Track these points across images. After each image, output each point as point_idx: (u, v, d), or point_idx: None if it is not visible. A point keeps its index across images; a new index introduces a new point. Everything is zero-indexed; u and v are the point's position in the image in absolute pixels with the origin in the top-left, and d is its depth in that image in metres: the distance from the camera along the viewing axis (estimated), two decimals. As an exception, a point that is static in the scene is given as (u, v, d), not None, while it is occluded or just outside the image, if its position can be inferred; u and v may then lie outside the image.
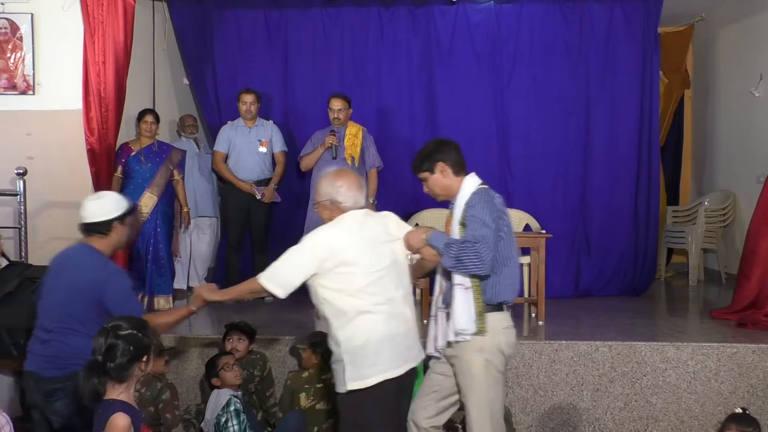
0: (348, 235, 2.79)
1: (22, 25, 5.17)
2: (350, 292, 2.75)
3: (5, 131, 5.22)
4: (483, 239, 2.75)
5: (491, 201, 2.86)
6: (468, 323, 2.81)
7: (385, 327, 2.76)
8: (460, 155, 3.02)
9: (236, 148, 5.71)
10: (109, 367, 2.45)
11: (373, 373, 2.72)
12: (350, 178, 2.90)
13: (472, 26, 6.12)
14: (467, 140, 6.07)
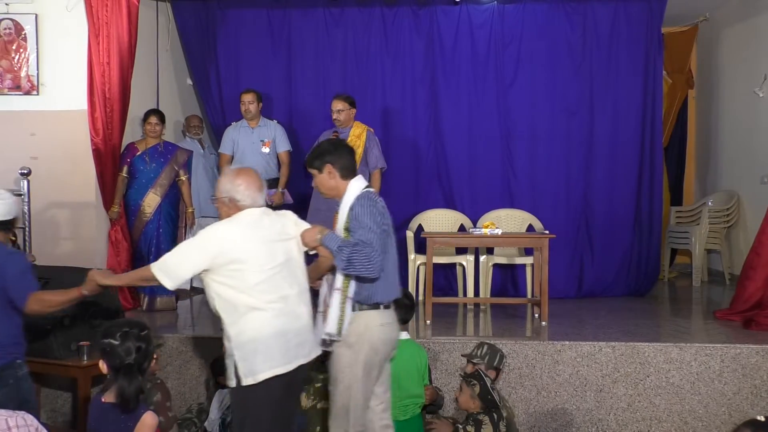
0: (241, 233, 2.81)
1: (26, 25, 5.17)
2: (242, 289, 2.77)
3: (9, 131, 5.23)
4: (371, 243, 2.83)
5: (374, 205, 2.94)
6: (334, 327, 2.91)
7: (276, 324, 2.78)
8: (351, 160, 3.08)
9: (240, 149, 5.72)
10: (140, 367, 2.53)
11: (264, 369, 2.75)
12: (250, 178, 2.92)
13: (475, 27, 6.12)
14: (470, 141, 6.12)
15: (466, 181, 6.15)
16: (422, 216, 5.95)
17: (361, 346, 2.94)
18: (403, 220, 5.93)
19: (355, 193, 3.00)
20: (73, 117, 5.18)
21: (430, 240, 5.02)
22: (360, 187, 3.02)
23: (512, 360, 4.24)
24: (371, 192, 3.03)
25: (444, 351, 4.28)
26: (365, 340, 2.94)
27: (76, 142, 5.20)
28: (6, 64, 5.21)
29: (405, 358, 3.55)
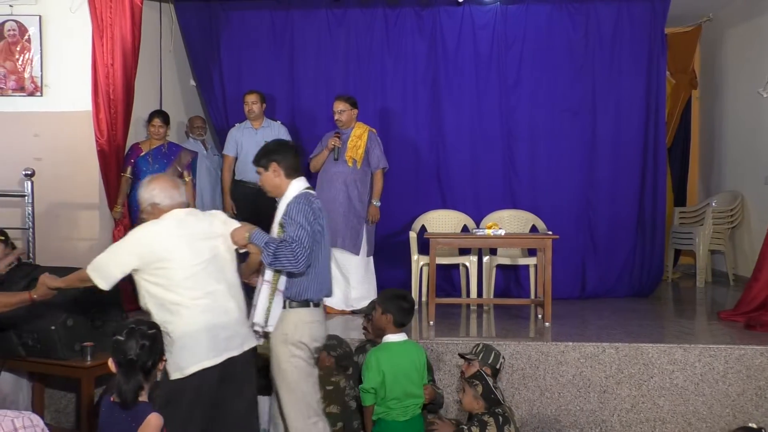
0: (166, 232, 2.93)
1: (30, 27, 5.19)
2: (168, 286, 2.88)
3: (13, 132, 5.25)
4: (299, 240, 2.97)
5: (309, 205, 3.09)
6: (261, 318, 3.07)
7: (204, 319, 2.89)
8: (296, 160, 3.23)
9: (243, 150, 5.71)
10: (143, 366, 2.51)
11: (191, 363, 2.85)
12: (162, 180, 3.08)
13: (478, 27, 6.12)
14: (473, 141, 6.12)
15: (468, 182, 6.15)
16: (425, 217, 5.94)
17: (294, 344, 3.09)
18: (405, 220, 5.93)
19: (295, 192, 3.15)
20: (76, 118, 5.20)
21: (433, 241, 5.02)
22: (300, 188, 3.17)
23: (515, 361, 4.24)
24: (310, 194, 3.18)
25: (447, 352, 4.28)
26: (294, 338, 3.08)
27: (80, 143, 5.21)
28: (10, 66, 5.22)
29: (405, 359, 3.56)
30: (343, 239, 5.24)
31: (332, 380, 3.87)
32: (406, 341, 3.67)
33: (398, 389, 3.53)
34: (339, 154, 5.26)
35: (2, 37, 5.20)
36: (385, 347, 3.63)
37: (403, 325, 3.66)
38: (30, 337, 3.82)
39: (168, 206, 3.00)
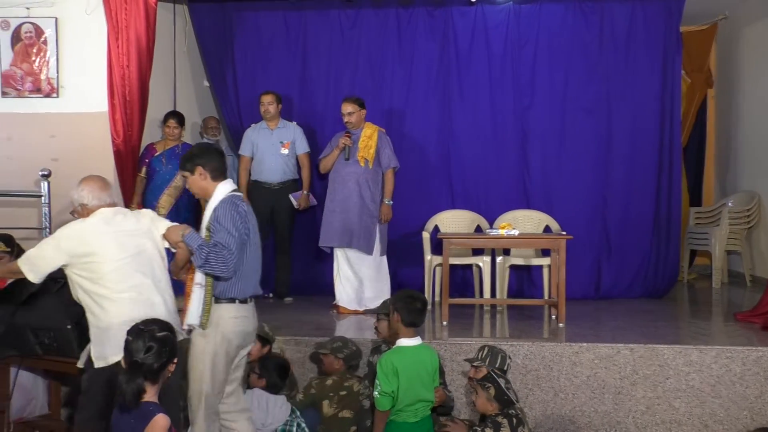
0: (92, 229, 3.12)
1: (46, 29, 5.24)
2: (95, 280, 3.07)
3: (30, 133, 5.30)
4: (228, 247, 3.06)
5: (236, 209, 3.15)
6: (195, 319, 3.15)
7: (127, 311, 3.02)
8: (221, 162, 3.29)
9: (259, 150, 5.74)
10: (149, 368, 2.52)
11: (114, 353, 2.93)
12: (91, 181, 3.24)
13: (491, 27, 6.10)
14: (486, 141, 6.10)
15: (482, 182, 6.13)
16: (438, 217, 5.93)
17: (213, 337, 3.15)
18: (418, 221, 5.93)
19: (221, 196, 3.20)
20: (92, 119, 5.25)
21: (446, 241, 5.01)
22: (226, 191, 3.22)
23: (529, 362, 4.22)
24: (236, 196, 3.23)
25: (461, 352, 4.26)
26: (218, 331, 3.15)
27: (96, 144, 5.25)
28: (27, 67, 5.28)
29: (417, 362, 3.53)
30: (357, 239, 5.24)
31: (345, 385, 3.88)
32: (420, 345, 3.64)
33: (411, 393, 3.50)
34: (350, 154, 5.27)
35: (19, 40, 5.25)
36: (399, 351, 3.60)
37: (414, 325, 3.63)
38: (46, 336, 3.85)
39: (95, 206, 3.19)
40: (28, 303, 3.99)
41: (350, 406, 3.83)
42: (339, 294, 5.39)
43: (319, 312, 5.37)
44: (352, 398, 3.85)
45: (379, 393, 3.51)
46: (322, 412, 3.82)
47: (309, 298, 5.88)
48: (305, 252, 6.06)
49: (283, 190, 5.72)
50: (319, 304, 5.61)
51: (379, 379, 3.54)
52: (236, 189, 3.29)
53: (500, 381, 3.41)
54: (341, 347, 3.99)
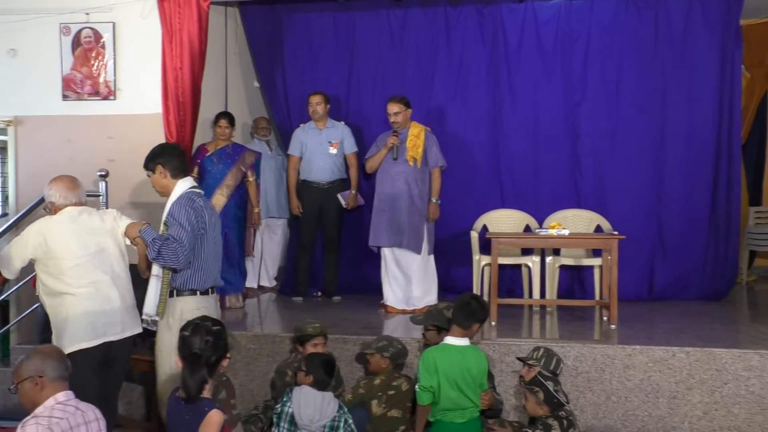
0: (57, 227, 3.35)
1: (104, 33, 5.40)
2: (56, 275, 3.31)
3: (89, 135, 5.47)
4: (179, 240, 3.21)
5: (191, 205, 3.31)
6: (152, 309, 3.34)
7: (84, 305, 3.28)
8: (181, 161, 3.48)
9: (308, 150, 5.80)
10: (207, 360, 2.61)
11: (71, 343, 3.24)
12: (59, 181, 3.48)
13: (541, 24, 6.01)
14: (535, 139, 6.02)
15: (531, 181, 6.05)
16: (487, 216, 5.89)
17: (177, 329, 3.17)
18: (466, 220, 5.89)
19: (179, 192, 3.38)
20: (147, 120, 5.37)
21: (494, 241, 4.97)
22: (185, 188, 3.40)
23: (580, 364, 4.15)
24: (194, 193, 3.39)
25: (509, 353, 4.23)
26: (178, 321, 3.23)
27: (151, 144, 5.20)
28: (86, 71, 5.45)
29: (461, 362, 3.52)
30: (407, 238, 5.24)
31: (393, 384, 3.88)
32: (467, 346, 3.62)
33: (452, 394, 3.49)
34: (398, 154, 5.27)
35: (79, 45, 5.43)
36: (443, 348, 3.60)
37: (467, 327, 3.61)
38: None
39: (62, 204, 3.43)
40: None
41: (399, 405, 3.83)
42: (387, 293, 5.40)
43: (366, 311, 5.39)
44: (401, 397, 3.85)
45: (419, 387, 3.54)
46: (371, 412, 3.83)
47: (357, 297, 5.91)
48: (353, 251, 6.09)
49: (331, 190, 5.77)
50: (366, 303, 5.64)
51: (419, 373, 3.56)
52: (195, 186, 3.47)
53: (548, 384, 3.36)
54: (386, 346, 4.00)
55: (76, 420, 2.53)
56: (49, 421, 2.48)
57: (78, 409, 2.58)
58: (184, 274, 3.33)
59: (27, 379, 2.57)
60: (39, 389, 2.57)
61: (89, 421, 2.59)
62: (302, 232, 5.92)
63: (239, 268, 5.58)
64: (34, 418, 2.50)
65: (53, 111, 5.50)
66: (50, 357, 2.63)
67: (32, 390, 2.57)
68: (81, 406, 2.61)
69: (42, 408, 2.55)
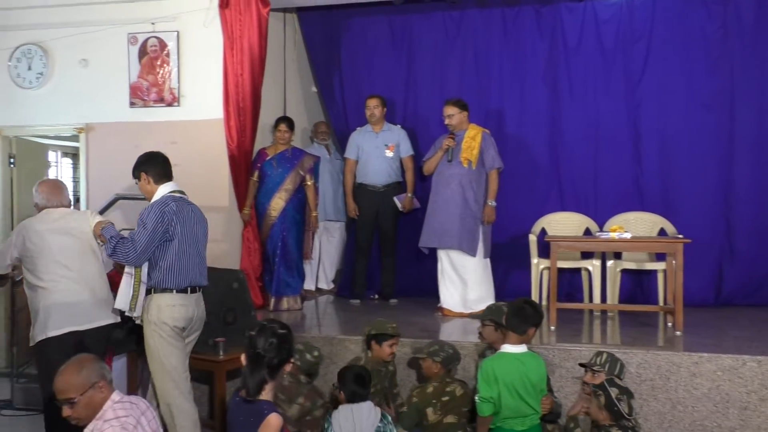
0: (35, 226, 3.66)
1: (169, 42, 5.57)
2: (32, 271, 3.63)
3: (154, 140, 5.61)
4: (133, 240, 3.44)
5: (162, 208, 3.50)
6: (123, 304, 3.55)
7: (53, 298, 3.59)
8: (163, 167, 3.67)
9: (364, 153, 5.85)
10: (270, 361, 2.62)
11: (39, 334, 3.60)
12: (44, 184, 3.84)
13: (601, 22, 5.89)
14: (596, 140, 5.90)
15: (591, 183, 5.93)
16: (545, 219, 5.80)
17: (155, 323, 3.51)
18: (524, 223, 5.82)
19: (158, 196, 3.60)
20: (209, 125, 5.51)
21: (554, 244, 4.89)
22: (164, 192, 3.61)
23: (644, 371, 4.04)
24: (170, 197, 3.58)
25: (570, 358, 4.15)
26: (157, 318, 3.50)
27: (212, 149, 5.52)
28: (152, 79, 5.63)
29: (520, 370, 3.47)
30: (460, 241, 5.22)
31: (447, 390, 3.85)
32: (526, 353, 3.57)
33: (513, 402, 3.45)
34: (453, 156, 5.25)
35: (145, 53, 5.62)
36: (501, 357, 3.55)
37: (522, 332, 3.57)
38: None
39: (44, 206, 3.76)
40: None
41: (454, 411, 3.80)
42: (443, 296, 5.38)
43: (423, 314, 5.38)
44: (456, 403, 3.82)
45: (479, 399, 3.49)
46: (427, 420, 3.81)
47: (413, 300, 5.91)
48: (409, 254, 6.10)
49: (387, 193, 5.80)
50: (423, 306, 5.64)
51: (478, 384, 3.52)
52: (175, 191, 3.64)
53: (612, 390, 3.29)
54: (438, 350, 3.98)
55: (135, 414, 2.61)
56: (120, 421, 2.55)
57: (132, 403, 2.66)
58: (156, 276, 3.51)
59: (91, 387, 2.59)
60: (103, 394, 2.62)
61: (144, 412, 2.67)
62: (359, 235, 5.96)
63: (297, 270, 5.66)
64: (106, 422, 2.54)
65: (121, 118, 5.71)
66: (100, 361, 2.71)
67: (97, 396, 2.60)
68: (132, 399, 2.69)
69: (104, 411, 2.59)
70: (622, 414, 3.26)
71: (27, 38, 5.80)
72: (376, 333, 4.05)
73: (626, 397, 3.31)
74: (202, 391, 4.69)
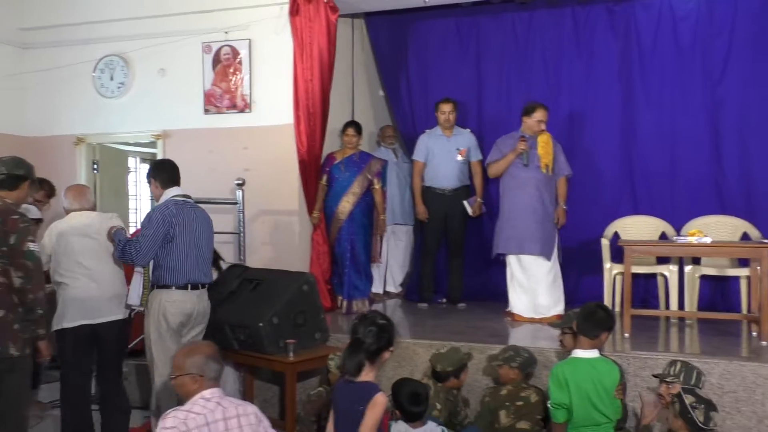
0: (60, 228, 3.99)
1: (241, 50, 5.72)
2: (56, 267, 4.00)
3: (227, 146, 5.81)
4: (140, 242, 3.76)
5: (163, 211, 3.81)
6: (135, 299, 3.92)
7: (70, 293, 3.94)
8: (170, 174, 3.97)
9: (434, 157, 5.84)
10: (368, 347, 2.85)
11: (57, 323, 3.93)
12: (70, 190, 4.16)
13: (679, 19, 5.69)
14: (672, 141, 5.72)
15: (667, 186, 5.73)
16: (618, 223, 5.64)
17: (154, 317, 3.82)
18: (596, 227, 5.67)
19: (163, 200, 3.90)
20: (280, 131, 5.62)
21: (628, 248, 4.74)
22: (167, 197, 3.90)
23: (726, 382, 3.86)
24: (172, 201, 3.87)
25: (646, 367, 4.01)
26: (158, 312, 3.81)
27: (283, 154, 5.63)
28: (225, 86, 5.80)
29: (596, 377, 3.38)
30: (542, 246, 5.13)
31: (522, 395, 3.79)
32: (598, 358, 3.48)
33: (584, 409, 3.36)
34: (529, 160, 5.16)
35: (219, 61, 5.79)
36: (572, 362, 3.47)
37: (594, 337, 3.48)
38: (242, 333, 4.20)
39: (69, 209, 4.09)
40: (227, 300, 4.39)
41: (527, 417, 3.74)
42: (513, 301, 5.30)
43: (492, 318, 5.32)
44: (530, 409, 3.76)
45: (552, 405, 3.43)
46: (499, 422, 3.77)
47: (481, 304, 5.85)
48: (476, 258, 6.05)
49: (456, 197, 5.77)
50: (491, 310, 5.57)
51: (549, 390, 3.45)
52: (179, 195, 3.93)
53: (686, 397, 3.16)
54: (513, 356, 3.92)
55: (214, 416, 2.65)
56: (187, 414, 2.62)
57: (219, 405, 2.71)
58: (157, 273, 3.85)
59: (188, 375, 2.75)
60: (196, 386, 2.74)
61: (228, 417, 2.69)
62: (427, 239, 5.95)
63: (365, 273, 5.69)
64: (175, 411, 2.66)
65: (196, 124, 5.89)
66: (212, 359, 2.80)
67: (189, 385, 2.75)
68: (223, 403, 2.73)
69: (188, 403, 2.71)
70: (696, 423, 3.13)
71: (110, 50, 6.08)
72: (453, 369, 3.89)
73: (704, 407, 3.17)
74: (273, 392, 4.79)
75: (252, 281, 4.46)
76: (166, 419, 2.62)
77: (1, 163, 3.43)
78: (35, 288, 3.27)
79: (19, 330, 3.24)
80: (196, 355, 2.79)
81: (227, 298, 4.39)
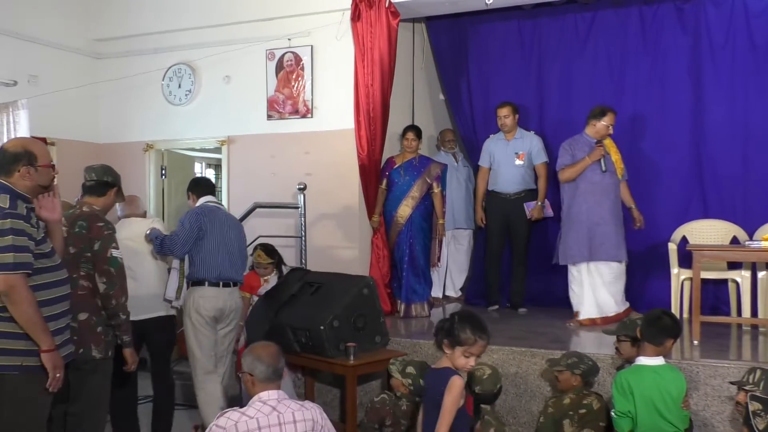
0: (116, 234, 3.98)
1: (303, 56, 5.83)
2: None
3: (289, 151, 5.92)
4: (178, 234, 4.13)
5: (195, 212, 4.23)
6: (171, 293, 4.22)
7: None
8: (204, 189, 4.41)
9: (495, 161, 5.81)
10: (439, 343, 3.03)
11: None
12: (126, 201, 4.24)
13: (752, 16, 5.46)
14: (744, 142, 5.52)
15: (740, 189, 5.51)
16: (687, 227, 5.46)
17: (189, 311, 4.15)
18: (663, 231, 5.51)
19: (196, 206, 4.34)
20: (341, 136, 5.69)
21: (696, 253, 4.58)
22: (199, 203, 4.32)
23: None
24: (203, 206, 4.27)
25: (716, 375, 3.87)
26: (191, 307, 4.14)
27: (344, 159, 5.70)
28: (287, 92, 5.91)
29: (662, 385, 3.29)
30: (621, 250, 5.07)
31: (584, 403, 3.73)
32: (663, 365, 3.38)
33: (649, 418, 3.27)
34: (607, 165, 5.05)
35: (281, 68, 5.91)
36: (636, 369, 3.39)
37: (659, 344, 3.38)
38: (303, 335, 4.26)
39: (121, 216, 4.35)
40: (289, 303, 4.47)
41: (591, 424, 3.67)
42: (576, 306, 5.20)
43: (553, 324, 5.24)
44: (593, 416, 3.68)
45: (615, 413, 3.35)
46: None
47: (542, 309, 5.77)
48: (539, 262, 5.95)
49: (518, 201, 5.71)
50: (553, 315, 5.48)
51: (613, 398, 3.38)
52: (209, 201, 4.31)
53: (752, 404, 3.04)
54: (577, 363, 3.85)
55: (268, 420, 2.64)
56: (240, 417, 2.64)
57: (274, 410, 2.69)
58: (191, 270, 4.17)
59: (244, 373, 2.83)
60: (251, 385, 2.80)
61: (284, 423, 2.67)
62: (490, 243, 5.91)
63: (424, 277, 5.69)
64: (231, 411, 2.69)
65: (259, 130, 6.04)
66: (259, 359, 2.79)
67: (247, 383, 2.83)
68: (279, 407, 2.70)
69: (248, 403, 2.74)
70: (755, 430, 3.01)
71: (178, 58, 6.29)
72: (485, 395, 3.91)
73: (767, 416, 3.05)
74: (333, 394, 4.83)
75: (313, 284, 4.52)
76: (220, 417, 2.68)
77: (91, 170, 3.60)
78: (118, 293, 3.38)
79: (102, 333, 3.36)
80: (249, 354, 2.84)
81: (288, 301, 4.46)
